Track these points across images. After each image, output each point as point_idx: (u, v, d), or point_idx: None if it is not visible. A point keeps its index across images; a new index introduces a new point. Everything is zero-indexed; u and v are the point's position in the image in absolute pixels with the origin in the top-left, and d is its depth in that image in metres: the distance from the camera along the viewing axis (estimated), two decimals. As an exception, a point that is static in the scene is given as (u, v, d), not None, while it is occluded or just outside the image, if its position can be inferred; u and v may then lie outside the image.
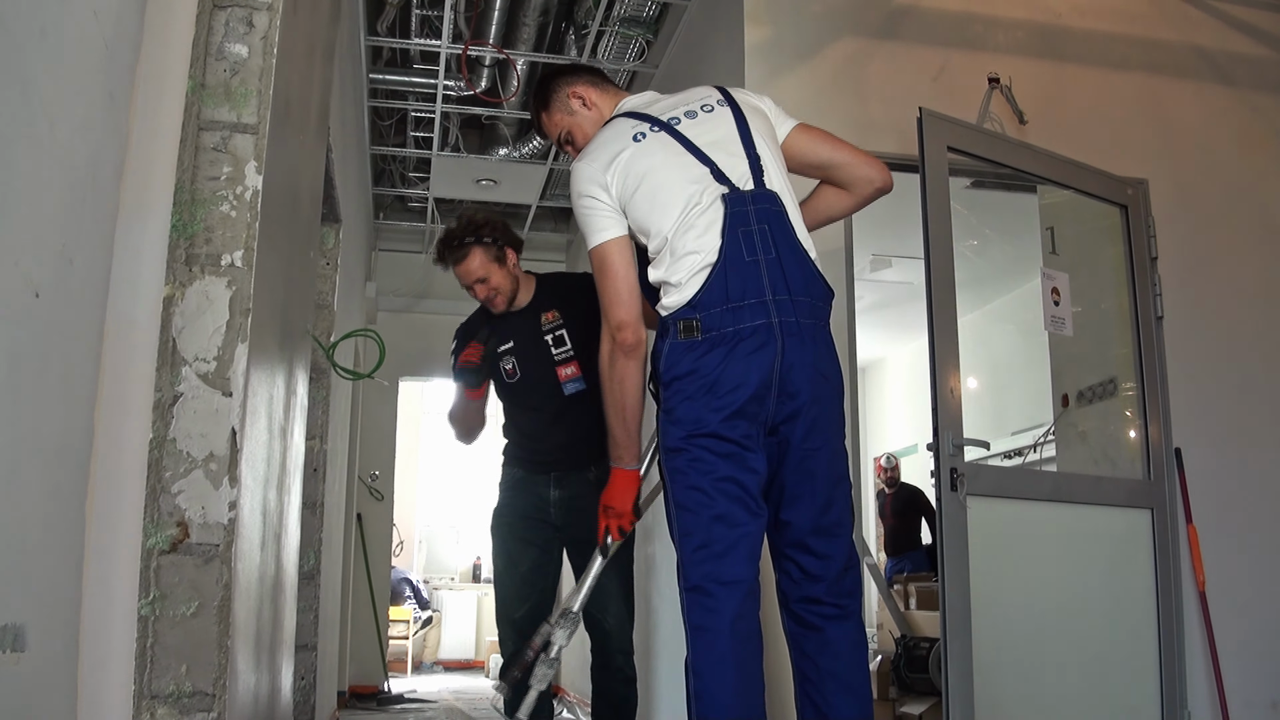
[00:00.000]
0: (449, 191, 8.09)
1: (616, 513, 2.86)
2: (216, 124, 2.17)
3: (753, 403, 2.56)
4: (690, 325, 2.57)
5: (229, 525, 2.01)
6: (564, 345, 3.69)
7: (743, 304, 2.56)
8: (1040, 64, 4.67)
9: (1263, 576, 4.38)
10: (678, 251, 2.61)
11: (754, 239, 2.60)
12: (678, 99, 2.83)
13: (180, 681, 1.93)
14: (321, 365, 4.29)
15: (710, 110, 2.77)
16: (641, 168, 2.66)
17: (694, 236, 2.60)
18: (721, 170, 2.65)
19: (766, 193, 2.65)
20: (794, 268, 2.61)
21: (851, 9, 4.50)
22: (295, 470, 3.15)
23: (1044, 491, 4.09)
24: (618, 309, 2.65)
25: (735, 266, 2.57)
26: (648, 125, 2.74)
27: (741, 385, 2.55)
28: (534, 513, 3.70)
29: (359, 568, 8.32)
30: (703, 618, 2.54)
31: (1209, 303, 4.58)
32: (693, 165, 2.67)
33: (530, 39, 5.94)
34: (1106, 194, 4.41)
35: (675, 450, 2.61)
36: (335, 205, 4.47)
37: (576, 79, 3.01)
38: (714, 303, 2.56)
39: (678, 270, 2.60)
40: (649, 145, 2.70)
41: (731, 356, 2.55)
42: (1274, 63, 5.03)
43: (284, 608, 2.97)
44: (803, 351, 2.59)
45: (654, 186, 2.65)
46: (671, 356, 2.61)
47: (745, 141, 2.71)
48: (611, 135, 2.76)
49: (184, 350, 2.03)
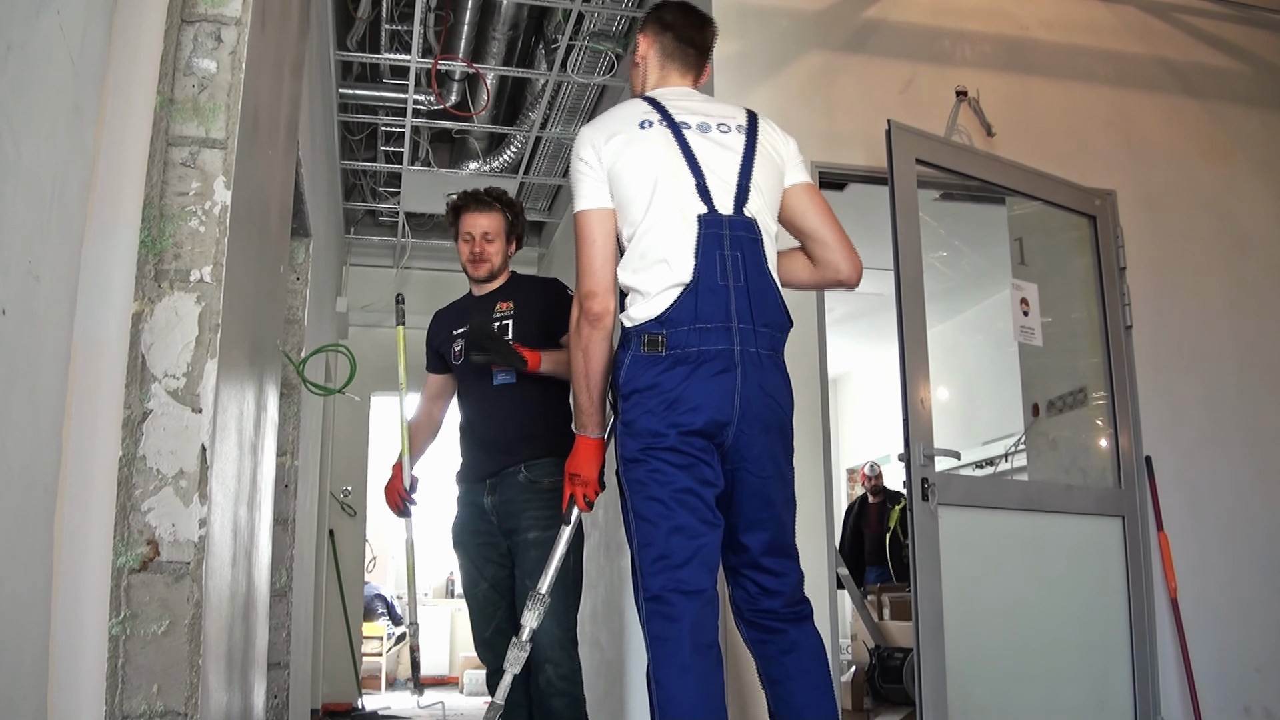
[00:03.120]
0: (420, 206, 8.08)
1: (582, 480, 2.84)
2: (185, 139, 2.16)
3: (710, 424, 2.59)
4: (655, 340, 2.60)
5: (199, 543, 1.99)
6: (505, 335, 3.67)
7: (709, 327, 2.60)
8: (1008, 77, 4.70)
9: (1234, 582, 4.41)
10: (647, 255, 2.65)
11: (727, 264, 2.63)
12: (704, 107, 2.85)
13: (152, 701, 1.91)
14: (292, 381, 4.27)
15: (726, 131, 2.79)
16: (635, 152, 2.70)
17: (665, 245, 2.63)
18: (708, 188, 2.68)
19: (745, 219, 2.68)
20: (760, 297, 2.65)
21: (820, 23, 4.52)
22: (266, 487, 3.13)
23: (1015, 500, 4.11)
24: (589, 278, 2.67)
25: (707, 289, 2.60)
26: (658, 117, 2.76)
27: (701, 406, 2.58)
28: (481, 525, 3.68)
29: (331, 584, 8.27)
30: (663, 627, 2.55)
31: (1177, 312, 4.62)
32: (683, 173, 2.69)
33: (500, 53, 5.95)
34: (1074, 205, 4.44)
35: (634, 461, 2.63)
36: (305, 220, 4.45)
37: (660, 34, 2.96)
38: (682, 321, 2.59)
39: (647, 280, 2.64)
40: (651, 135, 2.73)
41: (693, 377, 2.59)
42: (1239, 74, 5.09)
43: (256, 625, 2.95)
44: (762, 380, 2.63)
45: (639, 174, 2.68)
46: (633, 369, 2.63)
47: (743, 170, 2.74)
48: (623, 113, 2.80)
49: (153, 367, 2.02)
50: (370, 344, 8.33)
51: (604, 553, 5.99)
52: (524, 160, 7.17)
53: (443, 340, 3.91)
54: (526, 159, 7.17)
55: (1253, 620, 4.39)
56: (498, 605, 3.67)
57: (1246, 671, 4.34)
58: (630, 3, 5.38)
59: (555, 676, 3.47)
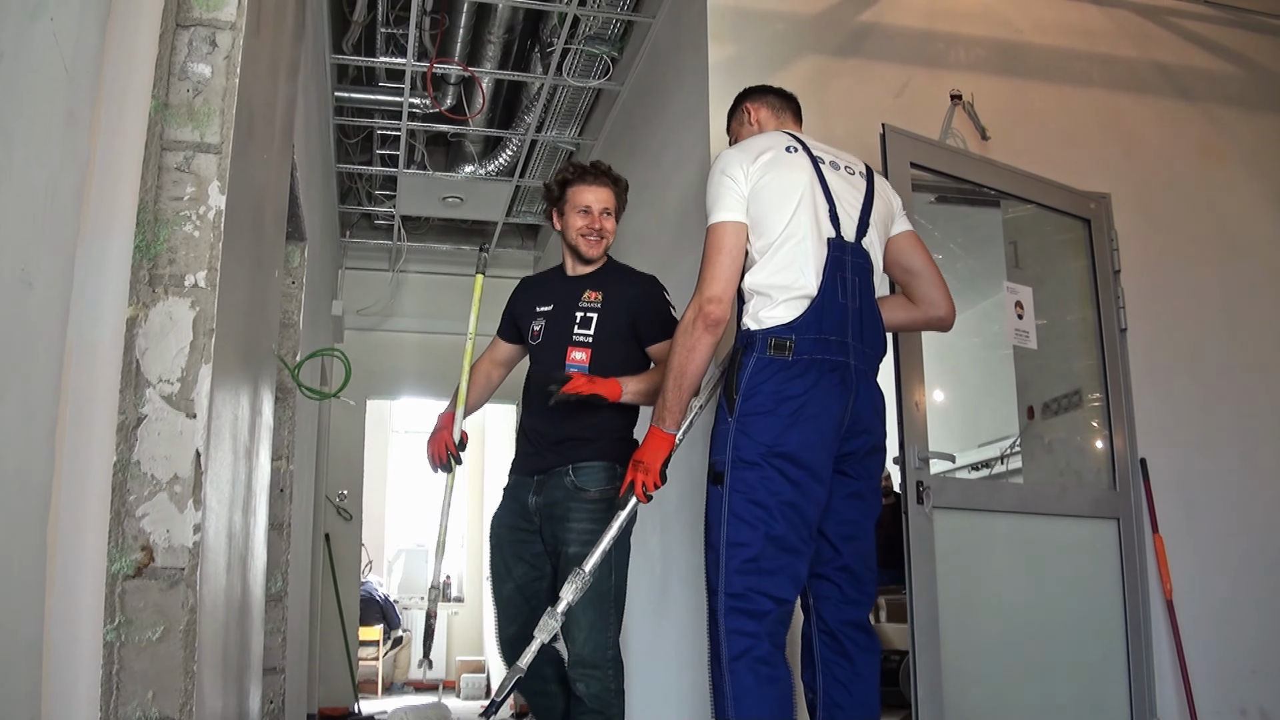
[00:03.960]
0: (415, 209, 8.07)
1: (645, 468, 2.94)
2: (179, 144, 2.16)
3: (831, 434, 2.78)
4: (783, 344, 2.78)
5: (194, 548, 1.99)
6: (588, 329, 3.52)
7: (831, 339, 2.80)
8: (1002, 81, 4.71)
9: (1229, 584, 4.42)
10: (782, 266, 2.85)
11: (848, 285, 2.87)
12: (831, 149, 3.14)
13: (147, 708, 1.90)
14: (287, 385, 4.26)
15: (851, 174, 3.08)
16: (781, 171, 2.94)
17: (800, 259, 2.85)
18: (838, 216, 2.93)
19: (862, 249, 2.95)
20: (870, 319, 2.92)
21: (815, 27, 4.53)
22: (261, 491, 3.13)
23: (1010, 503, 4.11)
24: (716, 283, 2.84)
25: (830, 304, 2.82)
26: (798, 148, 3.03)
27: (825, 415, 2.77)
28: (520, 523, 3.53)
29: (327, 589, 8.26)
30: (743, 623, 2.70)
31: (1172, 314, 4.62)
32: (820, 198, 2.94)
33: (495, 56, 5.95)
34: (1069, 208, 4.45)
35: (749, 464, 2.76)
36: (300, 223, 4.44)
37: (764, 95, 3.38)
38: (809, 330, 2.78)
39: (777, 286, 2.84)
40: (796, 160, 2.99)
41: (818, 386, 2.77)
42: (1233, 77, 5.10)
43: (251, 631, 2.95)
44: (870, 395, 2.88)
45: (783, 189, 2.90)
46: (758, 373, 2.79)
47: (865, 206, 3.02)
48: (767, 139, 3.07)
49: (147, 372, 2.02)
50: (366, 348, 8.33)
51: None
52: (520, 164, 7.17)
53: (523, 313, 3.72)
54: (522, 162, 7.17)
55: (1249, 622, 4.40)
56: (520, 609, 3.50)
57: (1243, 673, 4.34)
58: (625, 6, 5.38)
59: (589, 695, 3.35)
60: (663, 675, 4.67)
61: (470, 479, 12.58)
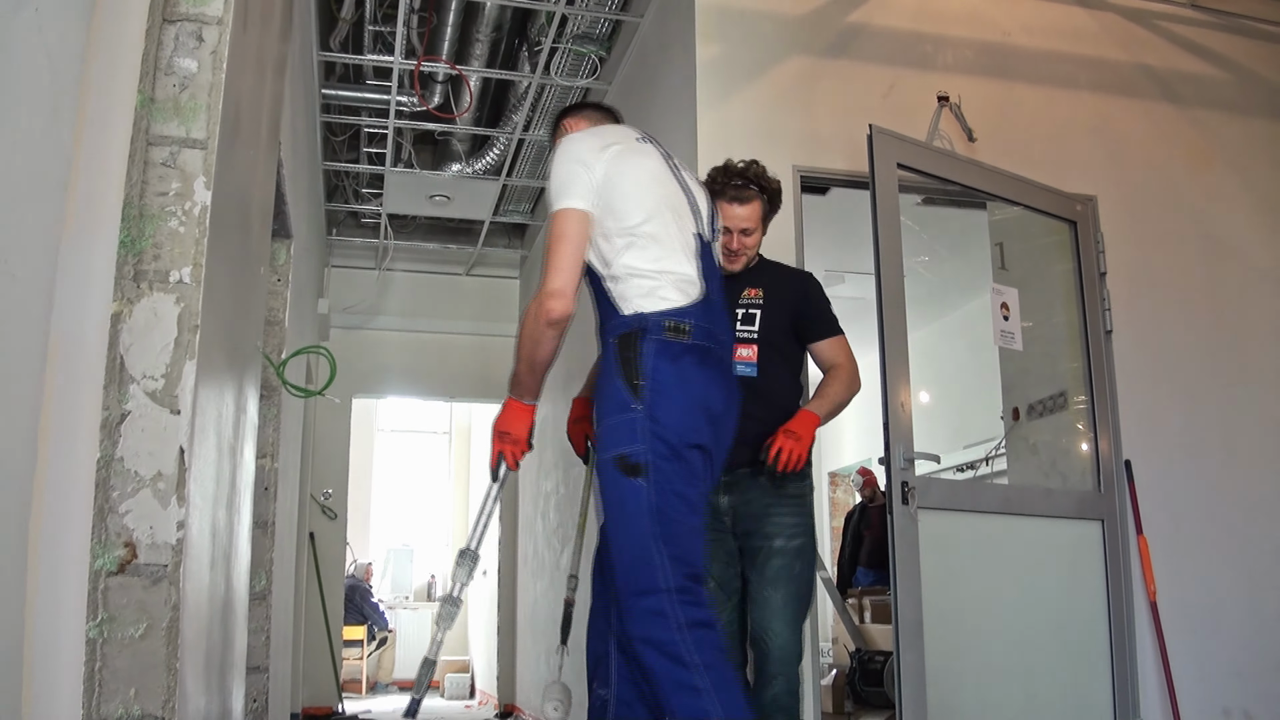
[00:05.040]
0: (402, 207, 8.06)
1: (513, 439, 2.87)
2: (165, 139, 2.14)
3: (717, 432, 2.73)
4: (680, 328, 2.64)
5: (177, 545, 1.98)
6: (751, 325, 3.43)
7: (713, 331, 2.73)
8: (989, 82, 4.72)
9: (1213, 586, 4.44)
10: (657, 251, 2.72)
11: (712, 281, 2.81)
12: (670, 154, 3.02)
13: (129, 705, 1.89)
14: (272, 383, 4.24)
15: (679, 170, 2.96)
16: (634, 160, 2.81)
17: (672, 245, 2.75)
18: (698, 209, 2.89)
19: (710, 247, 2.90)
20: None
21: (802, 28, 4.53)
22: (245, 489, 3.11)
23: (995, 504, 4.12)
24: (559, 275, 2.67)
25: (711, 301, 2.77)
26: (645, 138, 2.94)
27: (713, 403, 2.71)
28: (714, 523, 3.31)
29: (312, 588, 8.24)
30: (698, 614, 2.57)
31: (1157, 317, 4.64)
32: (677, 191, 2.86)
33: (483, 55, 5.94)
34: (1055, 210, 4.46)
35: (668, 455, 2.60)
36: (286, 221, 4.43)
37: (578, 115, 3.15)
38: (699, 317, 2.69)
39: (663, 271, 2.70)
40: (648, 149, 2.88)
41: (709, 375, 2.70)
42: (1220, 81, 5.12)
43: (234, 629, 2.94)
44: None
45: (640, 176, 2.79)
46: (658, 357, 2.63)
47: (710, 211, 2.99)
48: (616, 130, 2.96)
49: (132, 368, 2.01)
50: (352, 346, 8.32)
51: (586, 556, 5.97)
52: (506, 162, 7.16)
53: None
54: (509, 161, 7.16)
55: (1232, 623, 4.42)
56: (723, 605, 3.34)
57: (1226, 674, 4.36)
58: (613, 6, 5.38)
59: (784, 692, 3.24)
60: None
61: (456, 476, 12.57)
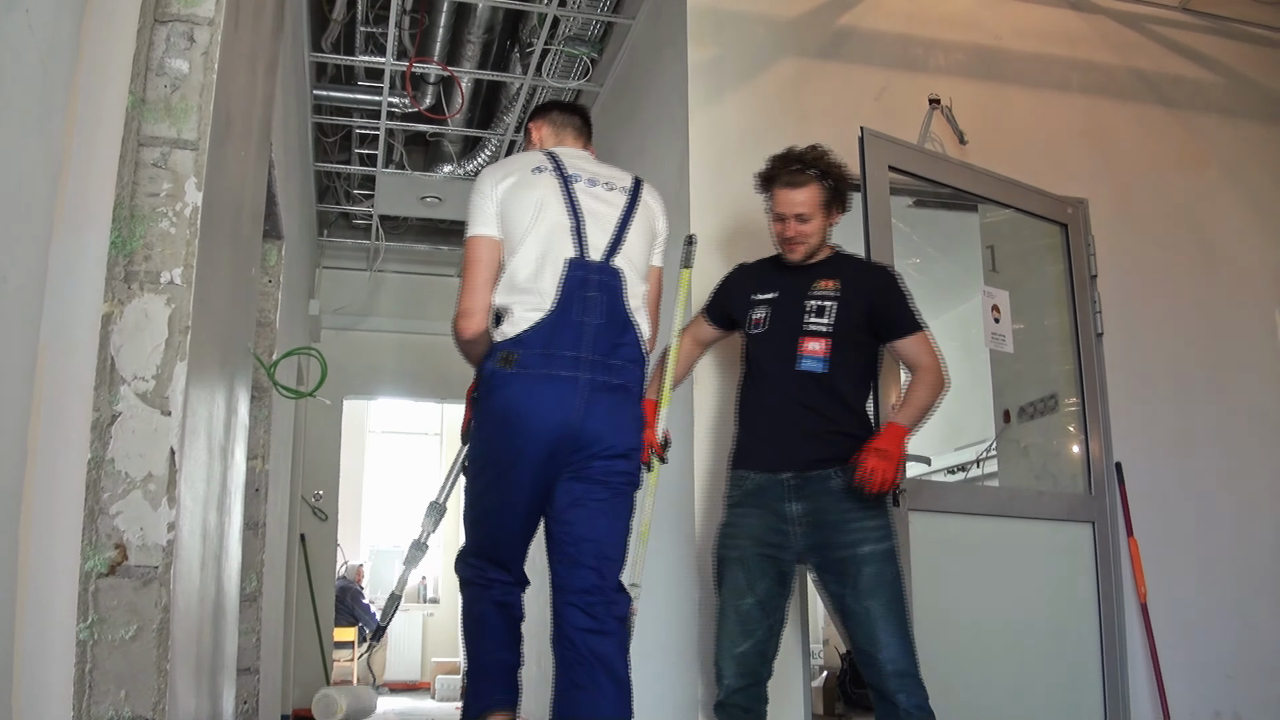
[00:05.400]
0: (393, 209, 8.05)
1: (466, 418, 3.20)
2: (156, 139, 2.14)
3: (544, 442, 2.84)
4: (508, 357, 2.84)
5: (168, 547, 1.97)
6: (823, 317, 3.32)
7: (559, 354, 2.84)
8: (981, 85, 4.73)
9: (1204, 588, 4.45)
10: (517, 285, 2.90)
11: (589, 303, 2.89)
12: (598, 169, 3.13)
13: (120, 707, 1.89)
14: (263, 384, 4.24)
15: (611, 189, 3.08)
16: (522, 193, 2.97)
17: (535, 277, 2.89)
18: (584, 234, 2.95)
19: (610, 267, 2.95)
20: (617, 334, 2.92)
21: (794, 30, 4.54)
22: (236, 491, 3.11)
23: (986, 506, 4.13)
24: (467, 296, 2.93)
25: (563, 322, 2.86)
26: (552, 167, 3.05)
27: (536, 423, 2.83)
28: (771, 537, 3.26)
29: (303, 589, 8.22)
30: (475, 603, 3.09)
31: (1148, 319, 4.65)
32: (564, 217, 2.95)
33: (475, 56, 5.94)
34: (1047, 213, 4.47)
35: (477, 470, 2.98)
36: (277, 222, 4.42)
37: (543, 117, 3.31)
38: (535, 345, 2.84)
39: (515, 305, 2.89)
40: (539, 180, 3.01)
41: (533, 397, 2.83)
42: (1212, 84, 5.14)
43: (225, 630, 2.93)
44: (609, 406, 2.89)
45: (523, 208, 2.95)
46: (491, 380, 2.88)
47: (620, 224, 3.02)
48: (519, 160, 3.12)
49: (122, 369, 2.00)
50: (343, 347, 8.30)
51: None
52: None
53: (739, 299, 3.51)
54: (501, 163, 7.16)
55: (1223, 626, 4.43)
56: (760, 624, 3.25)
57: (1217, 677, 4.37)
58: (605, 8, 5.38)
59: (914, 708, 3.07)
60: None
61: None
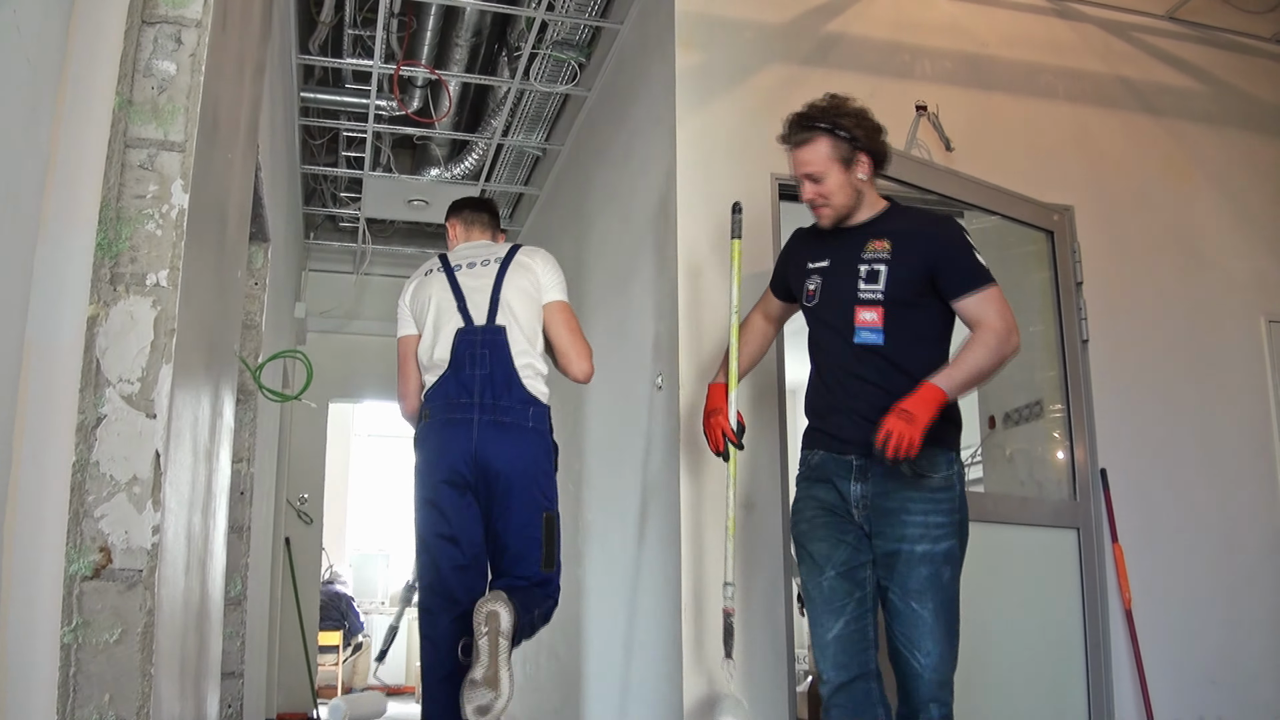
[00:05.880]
0: (380, 212, 8.04)
1: None
2: (143, 141, 2.13)
3: (453, 475, 3.48)
4: (424, 414, 3.62)
5: (152, 550, 1.96)
6: (875, 283, 3.06)
7: (458, 401, 3.53)
8: (967, 93, 4.74)
9: (1188, 594, 4.46)
10: (426, 362, 3.68)
11: (478, 358, 3.56)
12: (480, 252, 3.81)
13: (103, 711, 1.88)
14: (248, 387, 4.23)
15: (486, 264, 3.75)
16: (420, 294, 3.77)
17: (438, 349, 3.63)
18: (469, 309, 3.64)
19: (494, 327, 3.61)
20: (502, 383, 3.53)
21: (782, 36, 4.54)
22: (221, 494, 3.10)
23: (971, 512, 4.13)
24: (400, 384, 3.80)
25: (458, 377, 3.56)
26: (439, 266, 3.80)
27: (442, 462, 3.50)
28: (840, 507, 3.05)
29: (287, 593, 8.20)
30: None
31: (1134, 326, 4.67)
32: (450, 299, 3.67)
33: (463, 60, 5.93)
34: (1032, 220, 4.49)
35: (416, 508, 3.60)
36: (264, 224, 4.41)
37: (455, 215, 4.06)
38: (438, 399, 3.58)
39: (427, 377, 3.69)
40: (431, 280, 3.77)
41: (442, 436, 3.52)
42: (1198, 93, 5.16)
43: (209, 634, 2.92)
44: (498, 441, 3.48)
45: (422, 304, 3.73)
46: (417, 433, 3.67)
47: (495, 290, 3.66)
48: (419, 270, 3.88)
49: (107, 371, 1.99)
50: (328, 350, 8.29)
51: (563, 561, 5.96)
52: (486, 168, 7.15)
53: (796, 268, 3.31)
54: (488, 166, 7.15)
55: (1207, 632, 4.44)
56: (846, 597, 2.99)
57: (1201, 683, 4.38)
58: (593, 12, 5.38)
59: (940, 718, 2.96)
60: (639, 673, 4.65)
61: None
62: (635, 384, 4.64)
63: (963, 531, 3.06)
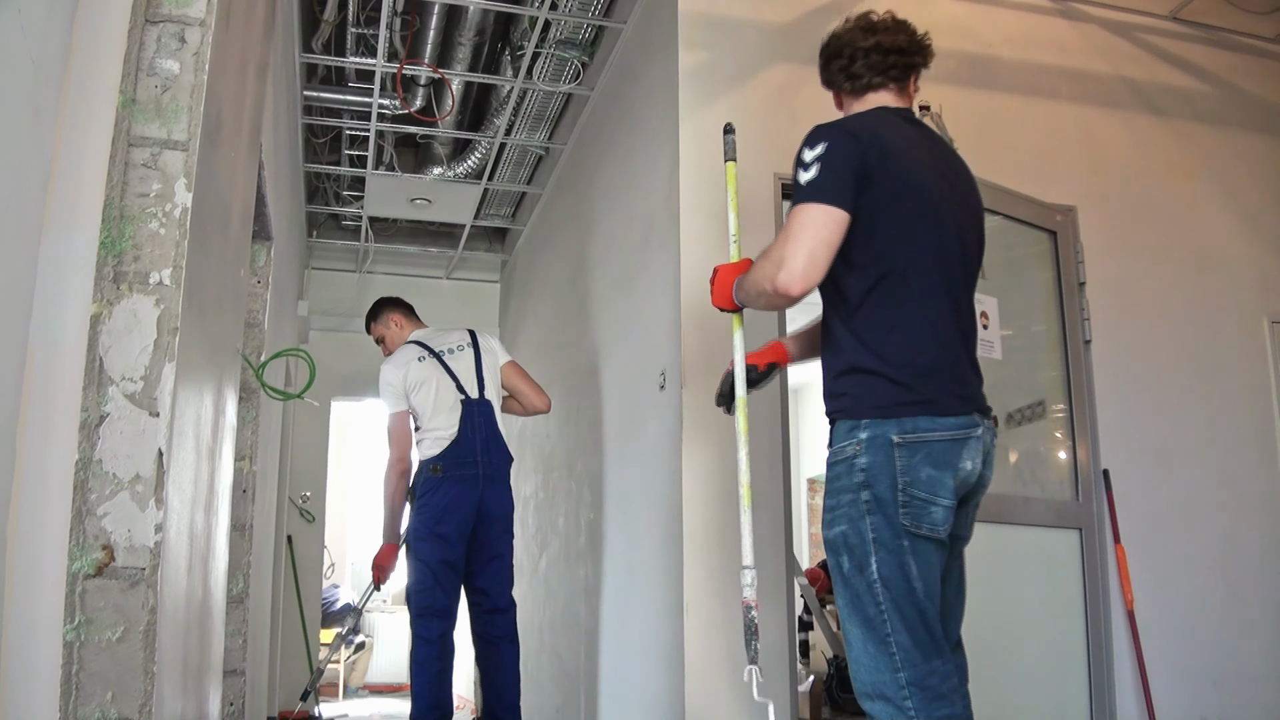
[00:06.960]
0: (383, 210, 8.04)
1: None
2: (147, 140, 2.13)
3: (464, 518, 4.64)
4: (436, 468, 4.67)
5: (155, 548, 1.97)
6: None
7: (466, 460, 4.68)
8: (971, 93, 4.74)
9: (1190, 595, 4.46)
10: (431, 428, 4.72)
11: (477, 427, 4.72)
12: (446, 338, 4.94)
13: (106, 709, 1.88)
14: (251, 385, 4.23)
15: (463, 349, 4.90)
16: (417, 377, 4.79)
17: (442, 419, 4.70)
18: (463, 386, 4.80)
19: (485, 401, 4.82)
20: (493, 446, 4.77)
21: (785, 35, 4.54)
22: (223, 492, 3.10)
23: (974, 513, 4.13)
24: (395, 448, 4.81)
25: (465, 441, 4.70)
26: (427, 353, 4.86)
27: (459, 507, 4.64)
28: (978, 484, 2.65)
29: (289, 591, 8.20)
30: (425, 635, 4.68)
31: (1136, 327, 4.66)
32: (448, 381, 4.80)
33: (466, 59, 5.93)
34: (1036, 220, 4.48)
35: (420, 538, 4.66)
36: (267, 223, 4.41)
37: (395, 309, 5.18)
38: (449, 458, 4.67)
39: (431, 436, 4.72)
40: (426, 365, 4.83)
41: (454, 490, 4.64)
42: (1202, 94, 5.15)
43: (212, 632, 2.92)
44: (495, 493, 4.73)
45: (420, 388, 4.76)
46: (426, 484, 4.70)
47: (477, 369, 4.87)
48: (407, 353, 4.90)
49: (111, 370, 1.99)
50: (331, 349, 8.28)
51: (564, 560, 5.98)
52: (488, 166, 7.15)
53: None
54: (491, 165, 7.15)
55: (1209, 633, 4.44)
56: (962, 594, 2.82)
57: (1203, 684, 4.38)
58: (596, 11, 5.38)
59: None
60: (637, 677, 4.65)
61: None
62: (638, 383, 4.64)
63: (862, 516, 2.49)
